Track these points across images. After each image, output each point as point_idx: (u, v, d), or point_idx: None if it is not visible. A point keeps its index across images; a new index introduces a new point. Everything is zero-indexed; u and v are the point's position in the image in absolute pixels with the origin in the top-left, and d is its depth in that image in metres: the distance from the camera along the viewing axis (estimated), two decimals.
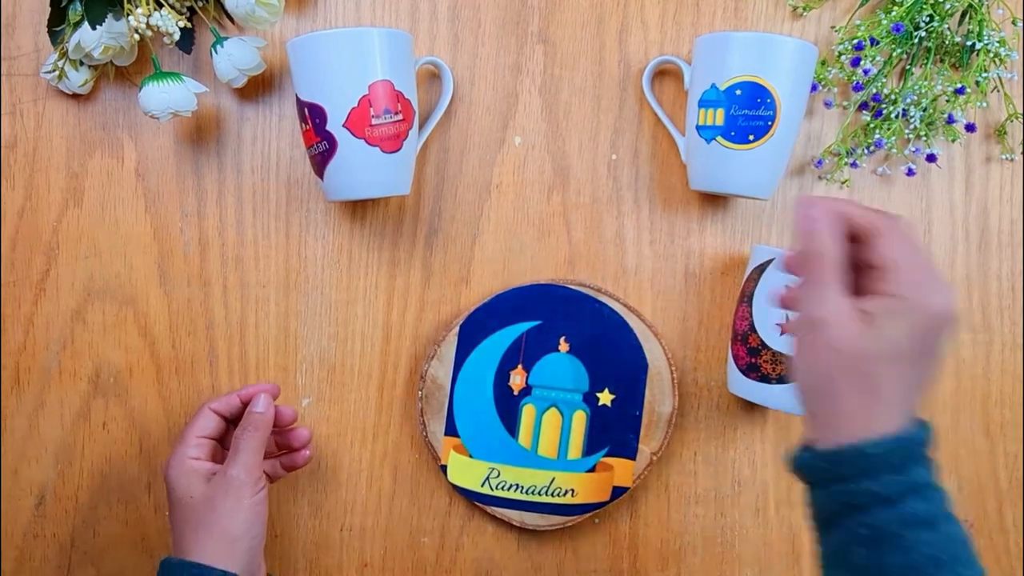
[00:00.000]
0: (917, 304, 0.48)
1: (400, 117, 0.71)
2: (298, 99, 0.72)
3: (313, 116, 0.70)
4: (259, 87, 0.79)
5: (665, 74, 0.81)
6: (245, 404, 0.72)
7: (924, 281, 0.48)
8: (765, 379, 0.74)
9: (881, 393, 0.48)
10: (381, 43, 0.70)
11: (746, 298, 0.75)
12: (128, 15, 0.69)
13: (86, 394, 0.80)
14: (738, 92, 0.72)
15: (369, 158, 0.70)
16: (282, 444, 0.75)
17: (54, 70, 0.75)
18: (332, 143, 0.70)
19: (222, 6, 0.73)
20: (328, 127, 0.70)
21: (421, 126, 0.77)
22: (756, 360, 0.74)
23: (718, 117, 0.73)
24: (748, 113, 0.72)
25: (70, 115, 0.78)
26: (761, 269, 0.74)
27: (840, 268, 0.49)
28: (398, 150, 0.71)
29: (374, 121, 0.69)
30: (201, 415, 0.71)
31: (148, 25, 0.70)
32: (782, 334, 0.73)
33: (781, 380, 0.74)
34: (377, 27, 0.76)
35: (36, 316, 0.80)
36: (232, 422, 0.73)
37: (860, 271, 0.50)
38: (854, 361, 0.48)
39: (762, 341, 0.73)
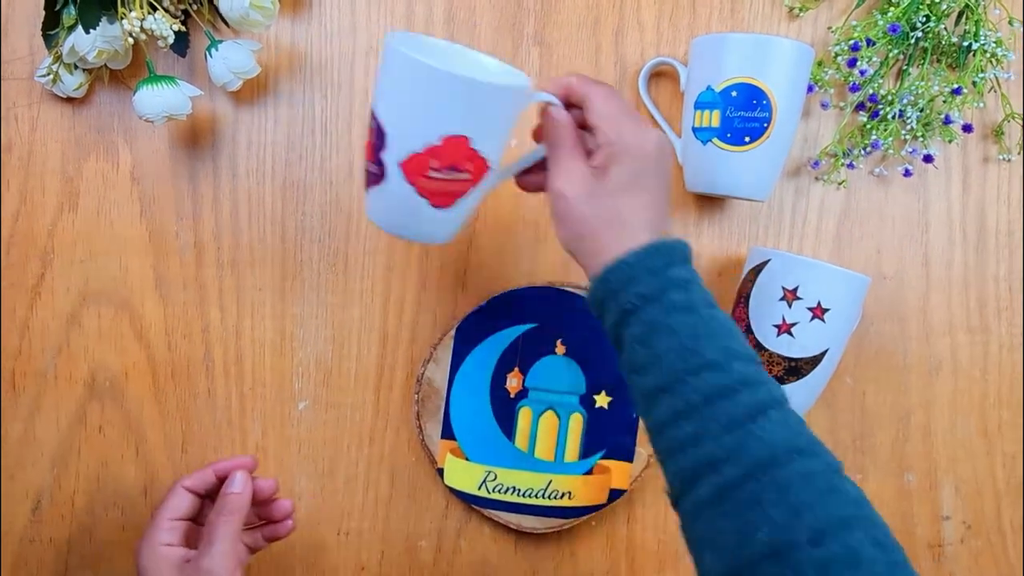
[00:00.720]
0: (624, 146, 0.58)
1: (466, 176, 0.60)
2: (372, 106, 0.61)
3: (375, 135, 0.60)
4: (254, 90, 0.79)
5: (661, 76, 0.80)
6: (221, 480, 0.69)
7: (627, 129, 0.58)
8: None
9: (625, 220, 0.57)
10: (474, 95, 0.57)
11: (743, 299, 0.75)
12: (122, 19, 0.69)
13: (82, 398, 0.80)
14: (734, 94, 0.72)
15: (413, 206, 0.60)
16: (263, 515, 0.73)
17: (48, 74, 0.75)
18: (382, 172, 0.60)
19: (216, 9, 0.73)
20: (383, 156, 0.59)
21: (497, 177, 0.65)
22: None
23: (714, 119, 0.73)
24: (744, 115, 0.72)
25: (65, 119, 0.78)
26: (758, 270, 0.74)
27: (575, 137, 0.60)
28: (448, 207, 0.61)
29: (432, 174, 0.59)
30: (174, 495, 0.68)
31: (142, 29, 0.69)
32: (779, 335, 0.73)
33: (778, 381, 0.73)
34: (476, 79, 0.57)
35: (32, 320, 0.79)
36: (208, 497, 0.70)
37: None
38: (596, 204, 0.58)
39: (758, 342, 0.73)
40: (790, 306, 0.72)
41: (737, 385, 0.52)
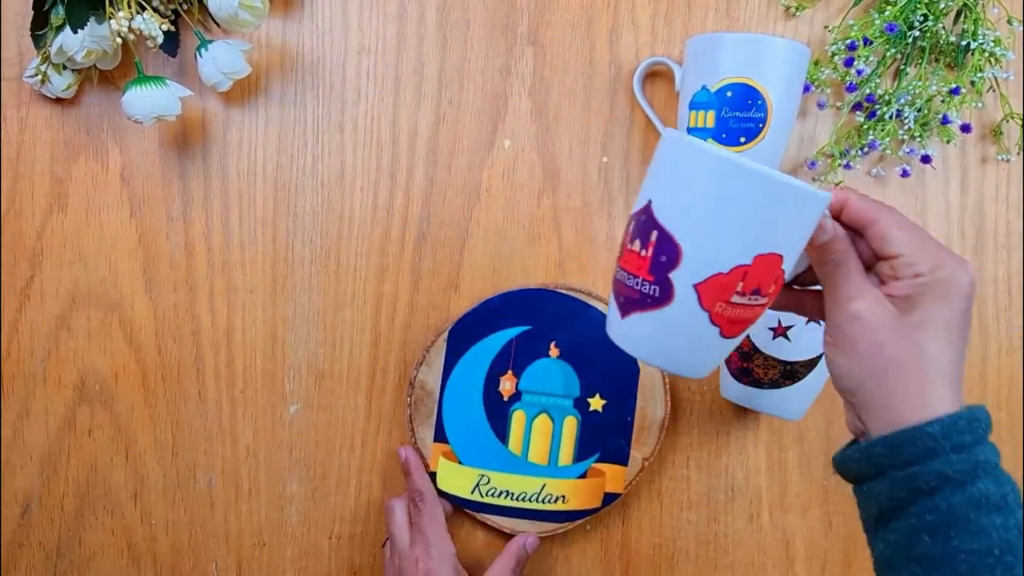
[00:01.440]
0: (941, 281, 0.47)
1: (764, 301, 0.50)
2: (649, 210, 0.50)
3: (660, 249, 0.49)
4: (245, 90, 0.78)
5: (656, 75, 0.80)
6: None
7: (943, 262, 0.48)
8: (757, 383, 0.73)
9: (933, 371, 0.47)
10: (808, 207, 0.48)
11: None
12: (110, 19, 0.69)
13: (71, 401, 0.79)
14: (729, 94, 0.71)
15: (701, 334, 0.50)
16: None
17: (37, 74, 0.74)
18: (666, 296, 0.49)
19: (206, 9, 0.72)
20: (673, 276, 0.49)
21: None
22: (748, 364, 0.73)
23: (709, 119, 0.72)
24: (739, 115, 0.71)
25: (54, 119, 0.78)
26: None
27: (857, 257, 0.50)
28: (737, 336, 0.51)
29: (735, 299, 0.49)
30: (438, 503, 0.77)
31: (130, 29, 0.69)
32: (775, 337, 0.72)
33: (774, 384, 0.73)
34: (805, 186, 0.47)
35: (20, 323, 0.79)
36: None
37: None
38: (902, 339, 0.47)
39: (754, 345, 0.73)
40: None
41: None
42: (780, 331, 0.71)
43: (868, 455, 0.48)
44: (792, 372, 0.72)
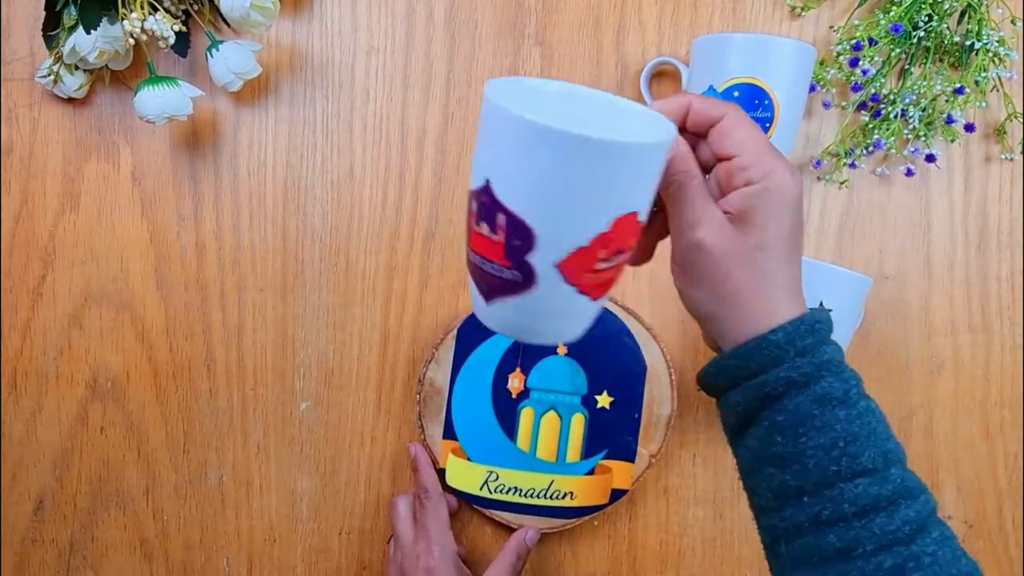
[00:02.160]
0: (773, 189, 0.47)
1: (628, 255, 0.48)
2: (488, 190, 0.45)
3: (512, 233, 0.44)
4: (255, 90, 0.79)
5: (663, 75, 0.80)
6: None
7: (774, 167, 0.48)
8: None
9: (772, 283, 0.48)
10: (653, 157, 0.44)
11: None
12: (123, 19, 0.69)
13: (84, 399, 0.80)
14: (736, 94, 0.72)
15: (572, 305, 0.47)
16: None
17: (49, 74, 0.75)
18: (529, 280, 0.46)
19: (217, 9, 0.73)
20: (531, 259, 0.45)
21: None
22: None
23: None
24: None
25: (66, 119, 0.78)
26: None
27: (700, 174, 0.49)
28: (604, 295, 0.49)
29: (598, 266, 0.46)
30: (443, 500, 0.77)
31: (143, 29, 0.69)
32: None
33: None
34: (642, 142, 0.43)
35: (33, 321, 0.79)
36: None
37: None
38: (744, 262, 0.48)
39: None
40: None
41: (896, 497, 0.46)
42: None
43: (722, 368, 0.50)
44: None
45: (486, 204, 0.45)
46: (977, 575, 0.46)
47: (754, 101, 0.71)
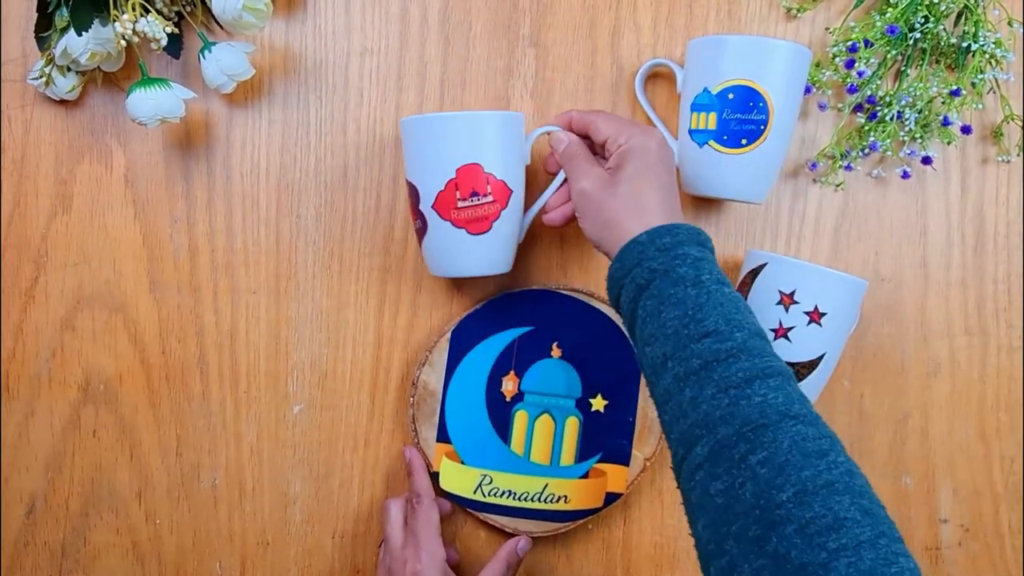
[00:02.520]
0: (631, 146, 0.66)
1: (489, 199, 0.70)
2: (407, 177, 0.73)
3: (412, 195, 0.72)
4: (249, 92, 0.78)
5: (658, 77, 0.80)
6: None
7: (632, 131, 0.67)
8: None
9: (642, 205, 0.64)
10: (470, 126, 0.70)
11: None
12: (114, 21, 0.69)
13: (76, 402, 0.80)
14: (731, 96, 0.71)
15: (456, 239, 0.70)
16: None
17: (41, 76, 0.75)
18: (424, 223, 0.71)
19: (210, 11, 0.73)
20: (420, 207, 0.71)
21: (532, 201, 0.75)
22: None
23: (710, 121, 0.73)
24: (740, 117, 0.71)
25: (58, 121, 0.78)
26: (755, 273, 0.74)
27: (585, 150, 0.70)
28: (486, 231, 0.71)
29: (460, 204, 0.69)
30: (434, 506, 0.77)
31: (135, 31, 0.69)
32: (776, 339, 0.72)
33: None
34: (465, 112, 0.77)
35: (25, 324, 0.79)
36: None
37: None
38: (614, 193, 0.65)
39: None
40: (787, 310, 0.72)
41: (736, 351, 0.55)
42: (781, 333, 0.72)
43: (611, 276, 0.63)
44: (793, 373, 0.72)
45: (406, 184, 0.73)
46: (809, 416, 0.53)
47: (749, 103, 0.71)
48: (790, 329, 0.72)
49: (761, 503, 0.49)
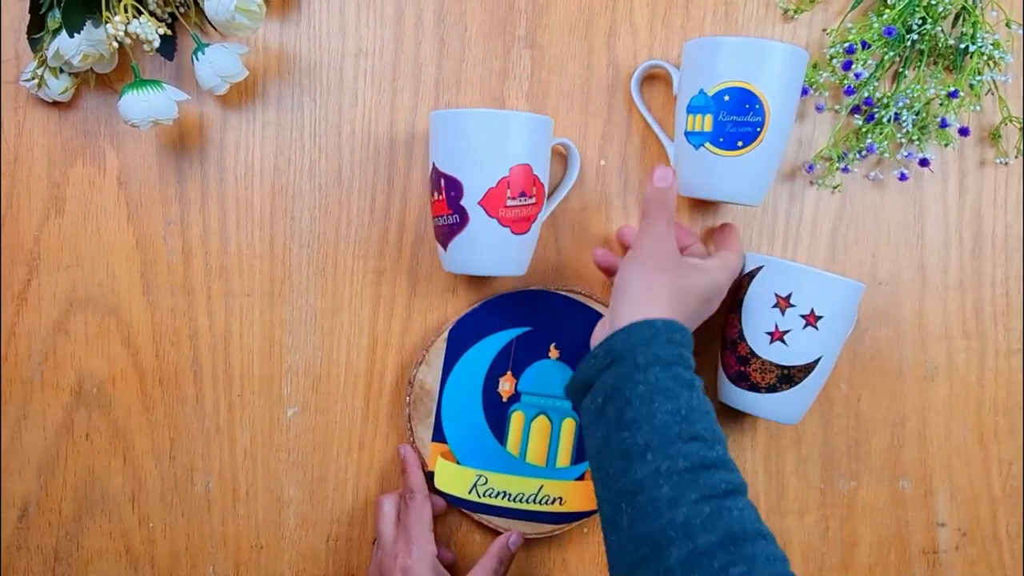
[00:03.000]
0: (707, 272, 0.69)
1: (533, 200, 0.71)
2: (435, 168, 0.71)
3: (449, 188, 0.70)
4: (242, 94, 0.78)
5: (654, 78, 0.80)
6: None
7: (729, 264, 0.72)
8: (754, 388, 0.73)
9: (674, 302, 0.64)
10: (526, 127, 0.71)
11: (736, 305, 0.74)
12: (106, 23, 0.68)
13: (69, 405, 0.80)
14: (726, 98, 0.71)
15: (499, 238, 0.71)
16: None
17: (33, 78, 0.74)
18: (464, 218, 0.70)
19: (203, 12, 0.72)
20: (463, 202, 0.70)
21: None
22: (745, 369, 0.73)
23: (706, 123, 0.72)
24: (736, 119, 0.71)
25: (51, 123, 0.78)
26: (751, 276, 0.73)
27: (671, 218, 0.68)
28: (526, 232, 0.72)
29: (509, 203, 0.70)
30: (427, 503, 0.77)
31: (127, 33, 0.68)
32: (772, 342, 0.72)
33: (771, 389, 0.73)
34: (523, 112, 0.77)
35: (18, 326, 0.79)
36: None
37: None
38: (669, 277, 0.66)
39: (751, 350, 0.73)
40: (783, 313, 0.71)
41: (719, 463, 0.56)
42: (777, 336, 0.71)
43: (608, 342, 0.61)
44: (789, 376, 0.72)
45: (433, 178, 0.72)
46: (772, 537, 0.55)
47: (745, 106, 0.70)
48: (786, 332, 0.71)
49: None
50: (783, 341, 0.72)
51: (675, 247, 0.67)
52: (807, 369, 0.72)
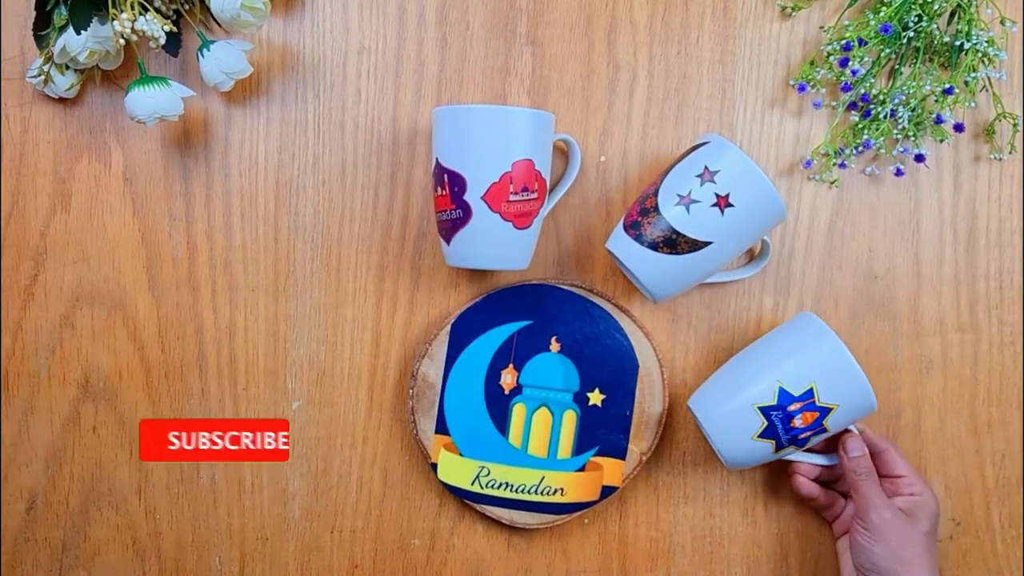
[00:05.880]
0: (929, 503, 0.74)
1: (535, 196, 0.72)
2: (438, 164, 0.73)
3: (452, 184, 0.71)
4: (247, 90, 0.79)
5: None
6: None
7: (924, 483, 0.75)
8: (639, 239, 0.72)
9: (931, 562, 0.71)
10: (528, 123, 0.72)
11: (671, 167, 0.74)
12: (113, 20, 0.69)
13: (75, 399, 0.80)
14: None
15: (501, 232, 0.72)
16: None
17: (40, 74, 0.75)
18: (467, 213, 0.71)
19: (208, 9, 0.73)
20: (466, 197, 0.71)
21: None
22: (641, 219, 0.73)
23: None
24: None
25: (57, 119, 0.78)
26: (696, 147, 0.74)
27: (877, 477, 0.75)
28: (528, 227, 0.73)
29: (511, 198, 0.71)
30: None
31: (133, 30, 0.69)
32: (677, 204, 0.71)
33: (653, 246, 0.72)
34: (525, 108, 0.78)
35: (24, 321, 0.79)
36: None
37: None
38: (915, 540, 0.71)
39: (656, 204, 0.72)
40: (701, 184, 0.71)
41: None
42: (685, 200, 0.71)
43: None
44: (674, 242, 0.71)
45: (437, 173, 0.73)
46: None
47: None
48: (694, 202, 0.71)
49: None
50: (687, 208, 0.71)
51: (894, 506, 0.73)
52: (694, 245, 0.71)
